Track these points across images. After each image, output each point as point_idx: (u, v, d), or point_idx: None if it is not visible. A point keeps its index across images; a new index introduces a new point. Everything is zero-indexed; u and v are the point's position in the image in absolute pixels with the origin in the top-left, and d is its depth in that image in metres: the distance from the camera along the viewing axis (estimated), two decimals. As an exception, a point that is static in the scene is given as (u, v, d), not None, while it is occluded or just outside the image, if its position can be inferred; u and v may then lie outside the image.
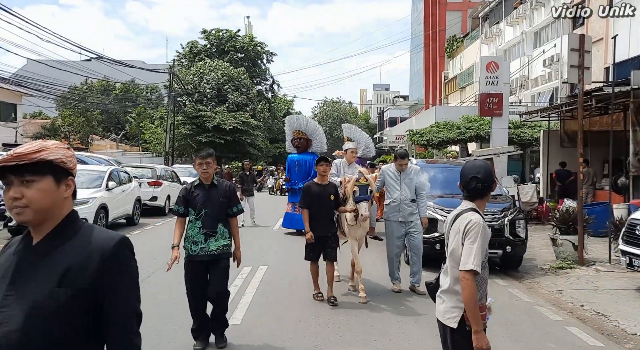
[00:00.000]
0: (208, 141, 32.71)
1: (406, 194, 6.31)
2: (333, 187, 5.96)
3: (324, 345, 4.48)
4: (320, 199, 5.72)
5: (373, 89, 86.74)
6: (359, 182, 5.86)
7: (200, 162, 4.31)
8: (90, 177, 11.59)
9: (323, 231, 5.74)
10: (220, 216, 4.34)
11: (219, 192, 4.36)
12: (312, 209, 5.73)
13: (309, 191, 5.80)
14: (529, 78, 27.45)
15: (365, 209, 5.77)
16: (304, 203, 5.78)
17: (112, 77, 34.95)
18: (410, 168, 6.43)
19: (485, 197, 2.70)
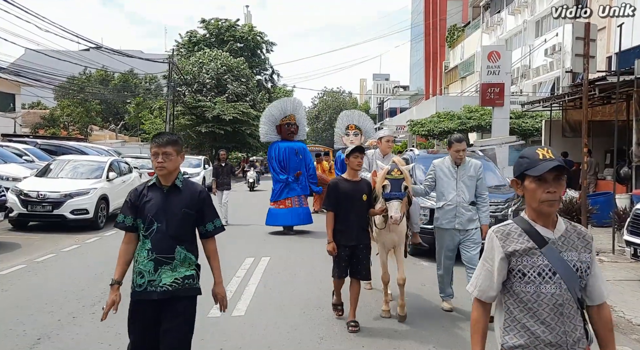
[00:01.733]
0: (208, 131, 32.57)
1: (464, 196, 5.00)
2: (366, 184, 4.76)
3: (328, 337, 4.45)
4: (351, 199, 4.57)
5: (373, 79, 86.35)
6: (391, 175, 4.60)
7: (156, 150, 2.86)
8: (90, 167, 11.53)
9: (352, 240, 4.57)
10: (180, 234, 2.90)
11: (182, 199, 2.90)
12: (340, 212, 4.57)
13: (336, 189, 4.62)
14: (530, 68, 27.30)
15: (396, 209, 4.48)
16: (330, 204, 4.61)
17: (110, 67, 34.66)
18: (469, 162, 5.07)
19: None
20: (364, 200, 4.65)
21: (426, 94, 45.25)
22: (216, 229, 3.04)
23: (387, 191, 4.59)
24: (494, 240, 1.96)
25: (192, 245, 2.99)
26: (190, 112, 33.50)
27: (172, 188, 2.92)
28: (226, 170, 11.67)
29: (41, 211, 9.80)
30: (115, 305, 2.85)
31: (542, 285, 1.86)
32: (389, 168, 4.69)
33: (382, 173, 4.70)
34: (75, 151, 16.26)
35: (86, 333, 4.40)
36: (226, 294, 3.21)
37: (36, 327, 4.48)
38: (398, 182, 4.58)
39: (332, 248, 4.56)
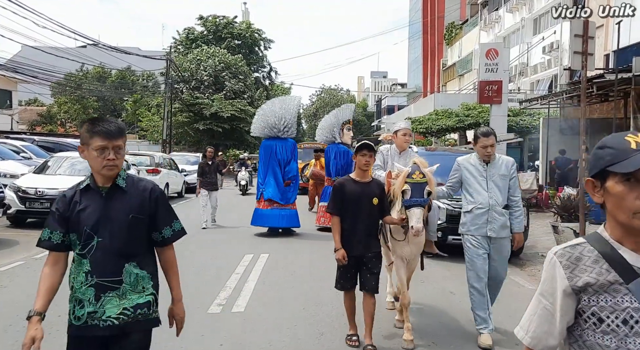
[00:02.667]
0: (206, 129, 32.53)
1: (497, 197, 4.25)
2: (378, 186, 4.11)
3: (329, 333, 4.47)
4: (359, 203, 3.96)
5: (371, 77, 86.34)
6: (412, 179, 3.94)
7: (103, 144, 2.16)
8: (87, 165, 11.48)
9: (361, 249, 3.98)
10: (129, 248, 2.25)
11: (128, 202, 2.25)
12: (346, 217, 3.98)
13: (341, 190, 4.01)
14: (528, 65, 27.33)
15: (419, 218, 3.85)
16: (334, 207, 4.01)
17: (107, 64, 34.56)
18: (500, 159, 4.34)
19: None
20: (374, 204, 3.98)
21: (424, 91, 45.29)
22: (175, 233, 2.39)
23: (407, 197, 3.91)
24: (556, 268, 1.37)
25: (146, 261, 2.31)
26: (188, 110, 33.43)
27: (113, 189, 2.24)
28: (213, 169, 10.71)
29: (39, 208, 9.77)
30: (37, 343, 2.08)
31: (629, 339, 1.29)
32: (409, 170, 3.98)
33: (402, 176, 4.00)
34: (73, 148, 16.21)
35: (86, 329, 4.39)
36: (185, 315, 2.62)
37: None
38: (420, 187, 3.90)
39: (341, 256, 3.90)
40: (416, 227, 3.84)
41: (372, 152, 3.99)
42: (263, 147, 9.97)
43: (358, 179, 4.07)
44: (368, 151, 3.97)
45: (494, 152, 4.29)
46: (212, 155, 10.97)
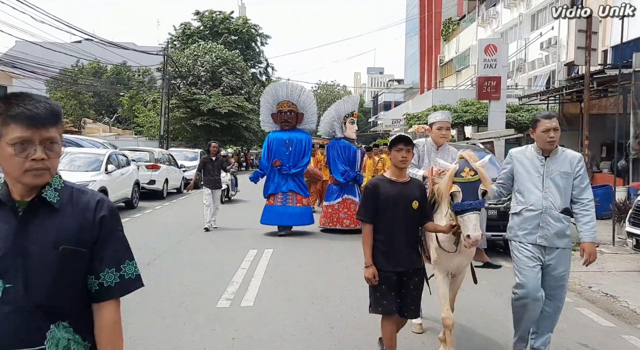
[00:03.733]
0: (203, 125, 32.46)
1: (554, 199, 3.51)
2: (418, 187, 3.42)
3: (338, 327, 4.47)
4: (397, 207, 3.26)
5: (367, 73, 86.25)
6: (462, 178, 3.27)
7: (24, 136, 1.38)
8: (87, 160, 11.46)
9: (400, 264, 3.27)
10: (57, 300, 1.43)
11: (57, 226, 1.44)
12: (382, 225, 3.27)
13: (375, 193, 3.29)
14: (525, 61, 27.38)
15: (476, 226, 3.18)
16: (366, 213, 3.30)
17: (103, 59, 34.34)
18: (563, 153, 3.58)
19: None
20: (414, 209, 3.27)
21: (421, 87, 45.30)
22: (124, 283, 1.54)
23: (459, 200, 3.24)
24: None
25: (83, 320, 1.50)
26: (185, 105, 33.34)
27: (36, 206, 1.44)
28: (217, 166, 9.98)
29: (40, 203, 9.71)
30: None
31: None
32: (456, 167, 3.30)
33: (448, 176, 3.32)
34: (70, 144, 16.11)
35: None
36: None
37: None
38: (473, 187, 3.24)
39: (372, 274, 3.20)
40: (474, 237, 3.15)
41: (409, 146, 3.26)
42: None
43: (394, 178, 3.32)
44: (405, 145, 3.24)
45: (557, 140, 3.52)
46: (216, 151, 10.26)
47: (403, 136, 3.32)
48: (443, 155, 4.23)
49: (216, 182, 9.90)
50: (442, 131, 4.31)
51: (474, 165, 3.30)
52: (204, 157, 10.33)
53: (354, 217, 9.03)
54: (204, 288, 5.59)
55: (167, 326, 4.36)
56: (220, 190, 10.17)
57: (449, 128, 4.40)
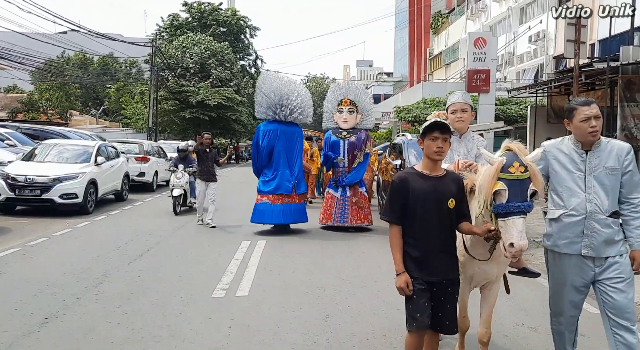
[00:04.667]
0: (192, 117, 32.24)
1: (599, 201, 2.94)
2: (455, 182, 2.89)
3: (334, 315, 4.52)
4: (430, 205, 2.78)
5: (357, 65, 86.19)
6: (509, 174, 2.68)
7: None
8: (76, 152, 11.35)
9: (435, 273, 2.81)
10: None
11: None
12: (413, 227, 2.82)
13: (404, 189, 2.81)
14: (514, 54, 27.56)
15: (521, 232, 2.63)
16: (393, 213, 2.83)
17: (90, 49, 33.80)
18: (608, 145, 2.99)
19: None
20: (450, 208, 2.79)
21: (410, 80, 45.40)
22: None
23: (503, 200, 2.66)
24: None
25: None
26: (174, 97, 33.05)
27: None
28: (211, 158, 9.43)
29: (30, 195, 9.63)
30: None
31: None
32: (503, 161, 2.68)
33: (494, 170, 2.68)
34: (58, 136, 15.92)
35: (93, 313, 4.38)
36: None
37: (41, 307, 4.46)
38: (522, 186, 2.64)
39: (404, 283, 2.75)
40: (519, 246, 2.58)
41: (446, 135, 2.76)
42: (286, 132, 8.62)
43: (426, 172, 2.82)
44: (441, 133, 2.75)
45: (600, 127, 2.94)
46: (210, 143, 9.61)
47: (439, 122, 2.78)
48: (467, 144, 3.74)
49: (211, 174, 9.42)
50: (456, 114, 3.75)
51: (524, 160, 2.68)
52: (197, 148, 9.74)
53: (361, 213, 8.84)
54: (198, 279, 5.60)
55: (164, 316, 4.38)
56: (215, 183, 9.50)
57: (465, 110, 3.78)
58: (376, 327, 4.22)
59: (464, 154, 3.62)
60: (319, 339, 3.96)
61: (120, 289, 5.11)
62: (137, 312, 4.44)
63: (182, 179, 10.29)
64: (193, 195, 10.39)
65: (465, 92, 4.06)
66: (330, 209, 8.96)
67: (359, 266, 6.41)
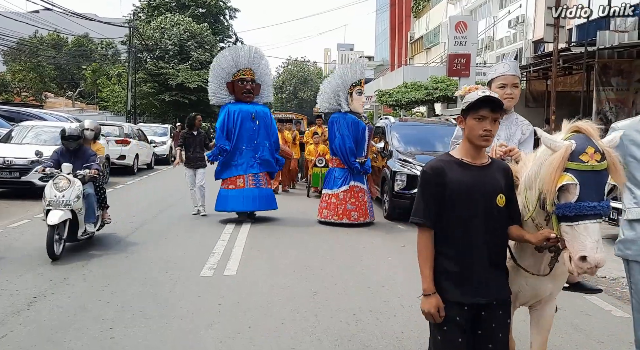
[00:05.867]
0: (172, 100, 31.77)
1: None
2: (503, 172, 2.24)
3: (321, 292, 4.63)
4: (473, 203, 2.14)
5: (337, 49, 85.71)
6: (582, 164, 1.94)
7: None
8: (55, 134, 11.06)
9: (481, 292, 2.14)
10: None
11: None
12: (450, 231, 2.17)
13: (439, 182, 2.16)
14: (494, 39, 27.81)
15: (597, 243, 1.92)
16: (425, 214, 2.17)
17: (65, 29, 32.85)
18: None
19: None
20: (499, 206, 2.14)
21: (391, 64, 45.42)
22: None
23: (572, 199, 1.96)
24: None
25: None
26: (153, 80, 32.47)
27: None
28: (199, 141, 8.67)
29: (8, 177, 9.45)
30: None
31: None
32: (572, 146, 1.97)
33: (559, 156, 1.98)
34: (34, 118, 15.55)
35: (81, 292, 4.40)
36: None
37: (28, 287, 4.45)
38: (597, 180, 1.96)
39: (435, 307, 2.11)
40: (594, 260, 1.91)
41: (497, 114, 2.11)
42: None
43: (468, 160, 2.16)
44: (491, 111, 2.09)
45: None
46: (199, 125, 8.87)
47: (490, 98, 2.08)
48: (509, 127, 2.99)
49: (199, 160, 8.64)
50: (505, 90, 2.93)
51: (600, 145, 1.98)
52: (184, 132, 9.02)
53: (364, 208, 7.90)
54: (185, 259, 5.64)
55: (154, 294, 4.42)
56: (204, 169, 8.67)
57: (516, 85, 2.99)
58: (362, 303, 4.34)
59: (505, 137, 2.91)
60: (307, 314, 4.07)
61: (108, 270, 5.12)
62: (125, 291, 4.47)
63: (68, 190, 5.57)
64: (92, 218, 5.99)
65: (515, 62, 3.15)
66: (335, 204, 7.86)
67: (343, 246, 6.53)
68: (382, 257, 6.00)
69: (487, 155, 2.25)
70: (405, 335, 3.69)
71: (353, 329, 3.78)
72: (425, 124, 10.67)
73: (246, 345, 3.44)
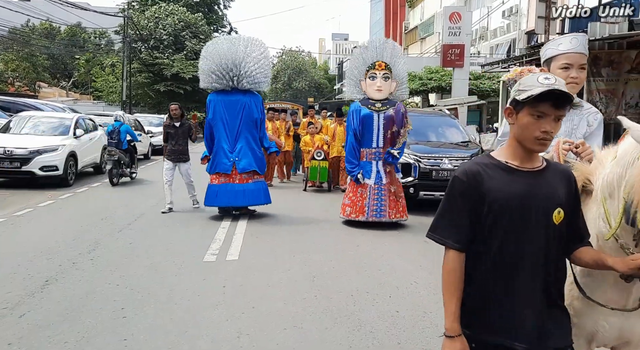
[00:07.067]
0: (167, 90, 31.73)
1: None
2: (564, 178, 1.67)
3: (320, 276, 4.84)
4: (521, 219, 1.59)
5: (332, 39, 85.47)
6: None
7: None
8: (54, 124, 11.27)
9: (532, 338, 1.58)
10: None
11: None
12: (489, 255, 1.61)
13: (475, 189, 1.62)
14: (487, 29, 27.98)
15: None
16: (453, 231, 1.64)
17: (60, 19, 32.58)
18: None
19: None
20: (556, 224, 1.63)
21: (386, 54, 45.42)
22: None
23: None
24: None
25: None
26: (148, 70, 32.39)
27: None
28: (181, 133, 8.11)
29: (9, 167, 9.58)
30: None
31: None
32: None
33: None
34: (31, 108, 15.61)
35: (91, 275, 4.59)
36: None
37: (40, 271, 4.64)
38: None
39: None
40: None
41: (561, 111, 1.59)
42: (225, 102, 7.40)
43: (515, 163, 1.66)
44: (555, 108, 1.58)
45: None
46: (181, 115, 8.27)
47: (557, 91, 1.54)
48: (571, 119, 2.42)
49: (182, 153, 8.11)
50: (569, 72, 2.34)
51: None
52: (165, 123, 8.50)
53: (397, 206, 7.06)
54: (188, 245, 5.84)
55: (161, 278, 4.62)
56: (188, 163, 8.17)
57: (583, 66, 2.40)
58: (360, 285, 4.57)
59: (564, 132, 2.33)
60: (307, 295, 4.28)
61: (114, 255, 5.31)
62: (133, 275, 4.67)
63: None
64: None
65: (585, 36, 2.47)
66: (361, 201, 7.05)
67: (339, 233, 6.74)
68: (378, 243, 6.22)
69: (540, 156, 1.70)
70: (400, 315, 3.91)
71: (351, 309, 4.00)
72: (419, 114, 10.83)
73: (251, 324, 3.66)
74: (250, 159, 7.43)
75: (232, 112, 7.41)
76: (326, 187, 10.70)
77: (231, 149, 7.41)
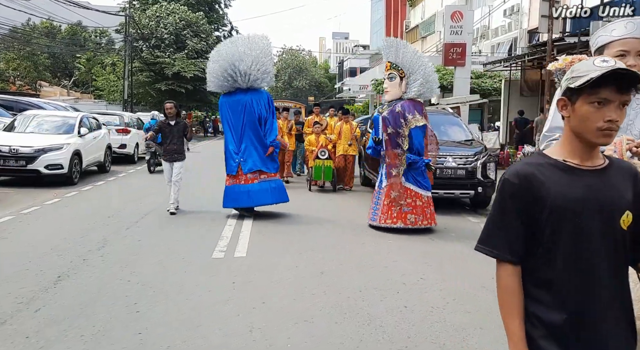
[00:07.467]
0: (168, 89, 31.77)
1: None
2: (628, 176, 1.48)
3: (328, 272, 4.90)
4: (585, 225, 1.39)
5: (332, 38, 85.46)
6: None
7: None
8: (58, 123, 11.31)
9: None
10: None
11: None
12: (551, 268, 1.41)
13: (531, 193, 1.42)
14: (489, 28, 28.00)
15: None
16: (503, 243, 1.44)
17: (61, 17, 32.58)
18: None
19: None
20: (624, 229, 1.43)
21: (386, 53, 45.42)
22: None
23: None
24: None
25: None
26: (149, 69, 32.43)
27: None
28: (176, 132, 7.88)
29: (15, 166, 9.63)
30: None
31: None
32: None
33: None
34: (34, 107, 15.65)
35: (102, 271, 4.65)
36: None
37: (52, 267, 4.69)
38: None
39: None
40: None
41: (628, 95, 1.39)
42: (229, 103, 7.45)
43: (575, 162, 1.46)
44: (619, 92, 1.38)
45: None
46: (176, 113, 8.08)
47: (622, 71, 1.36)
48: (628, 112, 1.94)
49: (178, 152, 7.85)
50: (626, 60, 2.07)
51: None
52: (160, 122, 8.40)
53: (425, 212, 6.62)
54: (195, 243, 5.90)
55: (170, 274, 4.68)
56: (182, 163, 7.92)
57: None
58: (368, 281, 4.62)
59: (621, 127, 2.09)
60: (316, 291, 4.34)
61: (123, 253, 5.36)
62: (143, 271, 4.73)
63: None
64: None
65: (636, 19, 2.21)
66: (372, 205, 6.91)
67: (345, 232, 6.79)
68: (383, 240, 6.27)
69: (601, 154, 1.51)
70: (409, 309, 3.97)
71: (360, 304, 4.05)
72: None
73: (262, 318, 3.71)
74: (255, 159, 7.36)
75: (235, 113, 7.42)
76: (331, 187, 10.62)
77: (237, 149, 7.39)
